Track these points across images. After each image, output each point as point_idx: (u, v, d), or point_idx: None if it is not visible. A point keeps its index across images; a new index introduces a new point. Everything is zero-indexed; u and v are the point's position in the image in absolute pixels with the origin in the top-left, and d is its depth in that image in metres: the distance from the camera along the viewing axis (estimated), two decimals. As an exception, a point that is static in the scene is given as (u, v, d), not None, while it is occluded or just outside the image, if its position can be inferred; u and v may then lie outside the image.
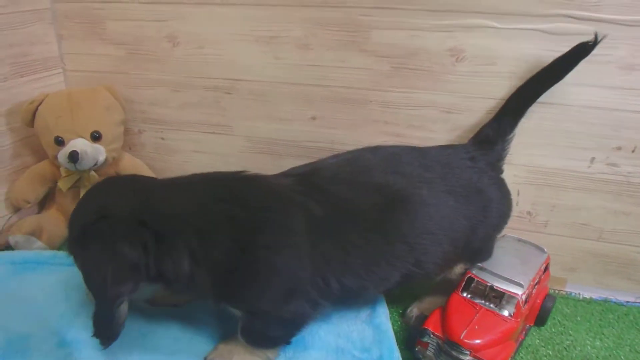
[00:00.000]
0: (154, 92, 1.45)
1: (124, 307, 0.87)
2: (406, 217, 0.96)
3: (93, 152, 1.32)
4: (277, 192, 0.96)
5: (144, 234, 0.84)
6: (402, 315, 1.20)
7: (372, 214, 0.94)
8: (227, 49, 1.33)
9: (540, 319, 1.19)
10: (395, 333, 1.10)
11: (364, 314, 1.13)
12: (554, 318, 1.24)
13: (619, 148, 1.19)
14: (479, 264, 1.12)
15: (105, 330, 0.88)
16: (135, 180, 0.97)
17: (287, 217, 0.93)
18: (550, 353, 1.14)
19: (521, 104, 1.16)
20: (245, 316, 0.95)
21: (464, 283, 1.10)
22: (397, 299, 1.23)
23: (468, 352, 0.98)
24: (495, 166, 1.15)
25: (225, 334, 1.05)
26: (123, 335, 0.98)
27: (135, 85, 1.45)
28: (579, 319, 1.25)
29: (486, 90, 1.20)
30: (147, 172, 1.47)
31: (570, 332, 1.20)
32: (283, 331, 0.97)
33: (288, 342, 1.01)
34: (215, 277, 0.89)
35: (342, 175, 0.97)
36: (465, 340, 0.99)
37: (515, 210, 1.23)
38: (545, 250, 1.22)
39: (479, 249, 1.11)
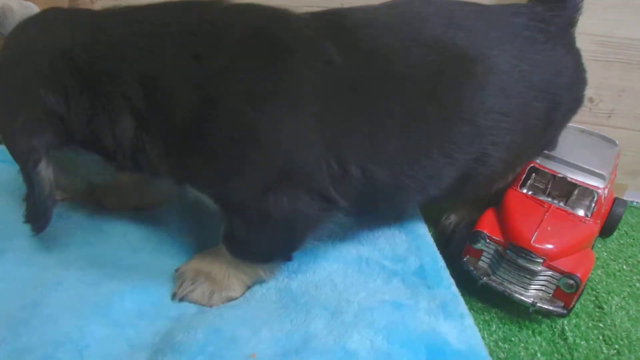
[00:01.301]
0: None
1: (46, 174, 0.60)
2: (473, 85, 0.68)
3: (21, 10, 0.98)
4: (279, 25, 0.65)
5: (65, 73, 0.59)
6: (437, 225, 0.93)
7: (425, 75, 0.66)
8: None
9: (608, 228, 0.95)
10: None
11: (391, 217, 0.85)
12: (619, 229, 0.99)
13: None
14: (544, 151, 0.85)
15: (32, 209, 0.63)
16: (80, 11, 0.69)
17: (286, 60, 0.62)
18: (624, 268, 0.90)
19: None
20: (222, 211, 0.67)
21: (524, 176, 0.83)
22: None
23: (541, 260, 0.73)
24: (569, 33, 0.86)
25: (203, 246, 0.77)
26: (63, 245, 0.74)
27: None
28: (648, 230, 1.01)
29: None
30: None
31: (642, 244, 0.97)
32: (274, 237, 0.67)
33: (288, 258, 0.73)
34: (171, 144, 0.61)
35: (383, 20, 0.69)
36: (537, 245, 0.73)
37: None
38: (617, 142, 0.96)
39: (548, 142, 0.85)
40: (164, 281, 0.71)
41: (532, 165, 0.84)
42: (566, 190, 0.83)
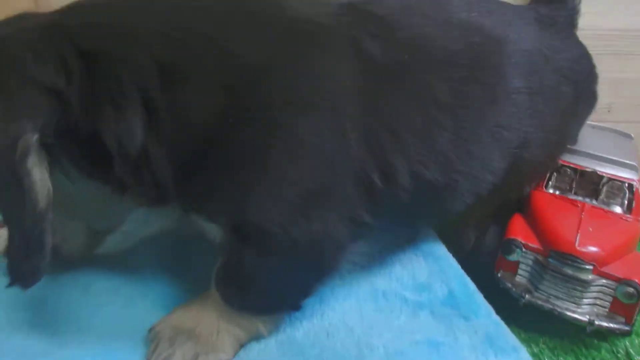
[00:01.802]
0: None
1: (41, 176, 0.44)
2: (509, 64, 0.64)
3: None
4: (309, 19, 0.56)
5: (63, 48, 0.47)
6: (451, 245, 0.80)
7: (466, 57, 0.61)
8: None
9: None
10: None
11: (402, 239, 0.73)
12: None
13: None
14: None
15: (22, 247, 0.46)
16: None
17: (326, 60, 0.53)
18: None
19: None
20: (230, 240, 0.54)
21: (548, 175, 0.73)
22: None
23: (590, 267, 0.61)
24: (573, 31, 0.82)
25: (186, 298, 0.61)
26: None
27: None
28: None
29: None
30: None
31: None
32: (294, 273, 0.55)
33: (296, 306, 0.59)
34: (185, 154, 0.50)
35: (416, 6, 0.63)
36: (582, 249, 0.61)
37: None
38: (632, 135, 0.87)
39: (580, 121, 0.79)
40: (136, 344, 0.55)
41: (555, 162, 0.74)
42: (591, 188, 0.73)
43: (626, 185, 0.71)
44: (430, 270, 0.66)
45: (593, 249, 0.62)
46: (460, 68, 0.60)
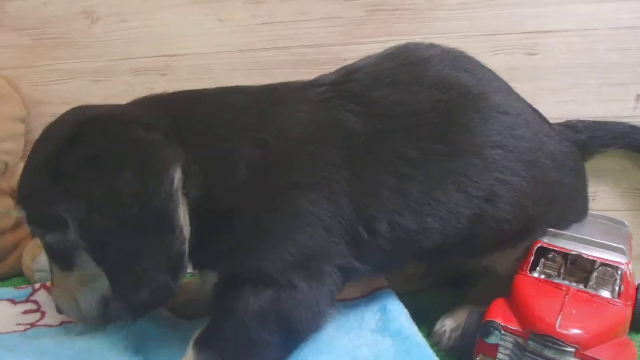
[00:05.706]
0: (68, 87, 1.21)
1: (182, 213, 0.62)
2: (477, 119, 0.73)
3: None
4: (302, 108, 0.72)
5: (161, 120, 0.67)
6: (430, 336, 0.81)
7: (433, 115, 0.72)
8: (157, 18, 1.12)
9: (637, 321, 0.82)
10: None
11: (371, 320, 0.77)
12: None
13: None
14: (550, 230, 0.79)
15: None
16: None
17: (315, 145, 0.69)
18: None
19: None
20: (223, 290, 0.66)
21: (531, 258, 0.76)
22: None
23: (572, 350, 0.62)
24: (577, 152, 0.88)
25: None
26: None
27: (44, 81, 1.21)
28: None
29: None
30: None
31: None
32: (282, 327, 0.64)
33: None
34: (205, 215, 0.66)
35: (385, 75, 0.75)
36: (563, 331, 0.63)
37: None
38: (625, 223, 0.91)
39: (561, 212, 0.81)
40: None
41: (539, 245, 0.77)
42: (582, 275, 0.75)
43: (616, 270, 0.73)
44: (396, 351, 0.69)
45: (575, 331, 0.63)
46: (426, 127, 0.71)
